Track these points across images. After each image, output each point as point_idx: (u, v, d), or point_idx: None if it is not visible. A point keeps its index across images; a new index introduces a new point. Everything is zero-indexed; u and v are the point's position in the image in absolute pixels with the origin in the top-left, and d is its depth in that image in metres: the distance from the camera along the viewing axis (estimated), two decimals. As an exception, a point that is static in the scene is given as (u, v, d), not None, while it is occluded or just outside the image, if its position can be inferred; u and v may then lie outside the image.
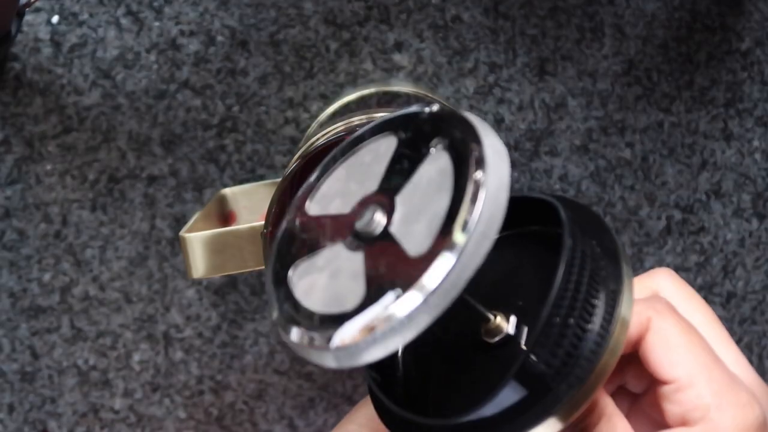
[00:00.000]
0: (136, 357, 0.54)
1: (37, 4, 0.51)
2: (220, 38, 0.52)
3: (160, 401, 0.54)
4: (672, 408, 0.31)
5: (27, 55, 0.51)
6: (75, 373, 0.54)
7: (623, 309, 0.31)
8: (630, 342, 0.32)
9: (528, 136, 0.54)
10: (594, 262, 0.31)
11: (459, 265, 0.27)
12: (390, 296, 0.28)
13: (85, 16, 0.51)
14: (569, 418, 0.30)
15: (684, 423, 0.31)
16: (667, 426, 0.32)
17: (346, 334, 0.28)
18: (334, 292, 0.30)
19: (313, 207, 0.33)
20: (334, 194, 0.33)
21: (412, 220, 0.30)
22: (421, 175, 0.31)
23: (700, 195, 0.55)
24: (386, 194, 0.31)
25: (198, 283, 0.53)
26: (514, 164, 0.54)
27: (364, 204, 0.31)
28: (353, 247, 0.30)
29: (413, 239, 0.29)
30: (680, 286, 0.34)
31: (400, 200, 0.30)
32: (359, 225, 0.31)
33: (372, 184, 0.32)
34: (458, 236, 0.28)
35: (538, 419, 0.30)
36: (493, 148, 0.29)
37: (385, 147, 0.32)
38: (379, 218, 0.30)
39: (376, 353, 0.28)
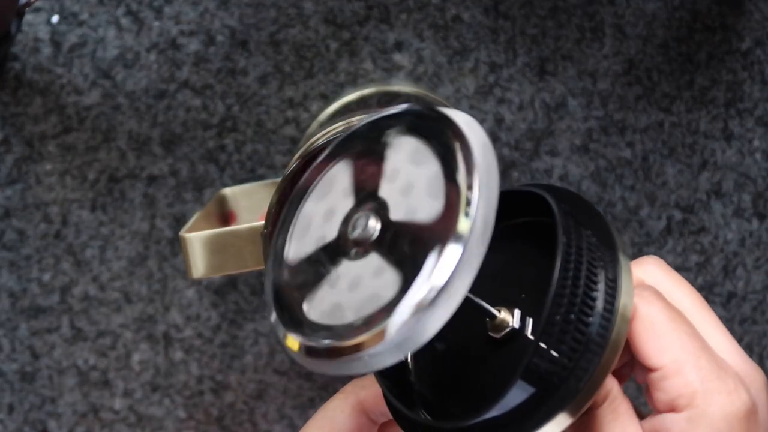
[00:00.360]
0: (136, 357, 0.54)
1: (37, 4, 0.51)
2: (220, 38, 0.52)
3: (160, 401, 0.54)
4: (659, 395, 0.31)
5: (27, 55, 0.51)
6: (75, 373, 0.54)
7: (623, 298, 0.31)
8: None
9: (528, 136, 0.53)
10: (590, 252, 0.31)
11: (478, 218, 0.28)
12: (431, 259, 0.28)
13: (85, 16, 0.51)
14: (583, 406, 0.30)
15: (672, 410, 0.31)
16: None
17: (400, 316, 0.28)
18: (364, 296, 0.29)
19: (293, 253, 0.33)
20: (313, 230, 0.32)
21: (409, 202, 0.30)
22: (392, 163, 0.31)
23: (701, 195, 0.55)
24: (367, 199, 0.31)
25: (198, 283, 0.53)
26: (514, 164, 0.54)
27: (349, 220, 0.31)
28: (361, 255, 0.30)
29: (422, 210, 0.29)
30: (668, 272, 0.34)
31: (384, 193, 0.30)
32: (356, 235, 0.30)
33: (348, 202, 0.31)
34: (462, 225, 0.28)
35: (552, 412, 0.30)
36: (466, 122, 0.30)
37: (343, 168, 0.32)
38: (373, 222, 0.30)
39: (435, 322, 0.28)
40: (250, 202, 0.51)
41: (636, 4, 0.53)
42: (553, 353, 0.30)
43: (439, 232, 0.28)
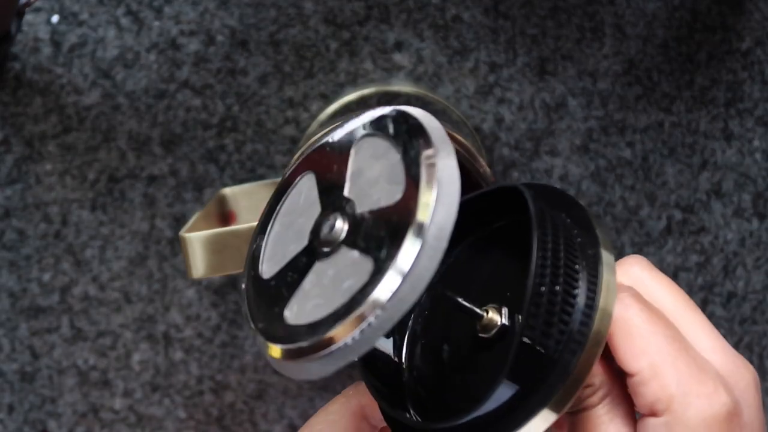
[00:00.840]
0: (136, 357, 0.54)
1: (37, 3, 0.51)
2: (220, 38, 0.52)
3: (160, 401, 0.54)
4: (639, 400, 0.31)
5: (27, 54, 0.51)
6: (75, 373, 0.54)
7: (604, 290, 0.31)
8: None
9: (528, 136, 0.53)
10: (568, 242, 0.31)
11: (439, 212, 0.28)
12: (410, 234, 0.28)
13: (85, 16, 0.51)
14: (568, 401, 0.30)
15: (652, 414, 0.31)
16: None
17: (370, 304, 0.28)
18: (336, 291, 0.30)
19: (267, 268, 0.33)
20: (284, 244, 0.33)
21: (369, 189, 0.30)
22: (356, 166, 0.31)
23: (701, 195, 0.55)
24: (334, 201, 0.31)
25: (198, 283, 0.53)
26: (514, 164, 0.54)
27: (317, 229, 0.31)
28: (331, 253, 0.30)
29: (384, 198, 0.29)
30: (650, 271, 0.34)
31: (348, 192, 0.31)
32: (325, 237, 0.31)
33: (314, 210, 0.32)
34: (421, 215, 0.28)
35: (536, 407, 0.30)
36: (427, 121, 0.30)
37: (308, 184, 0.33)
38: (340, 223, 0.31)
39: (404, 305, 0.28)
40: (250, 202, 0.51)
41: (636, 4, 0.53)
42: (538, 347, 0.30)
43: (403, 216, 0.28)
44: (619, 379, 0.32)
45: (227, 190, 0.51)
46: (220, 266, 0.44)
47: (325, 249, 0.31)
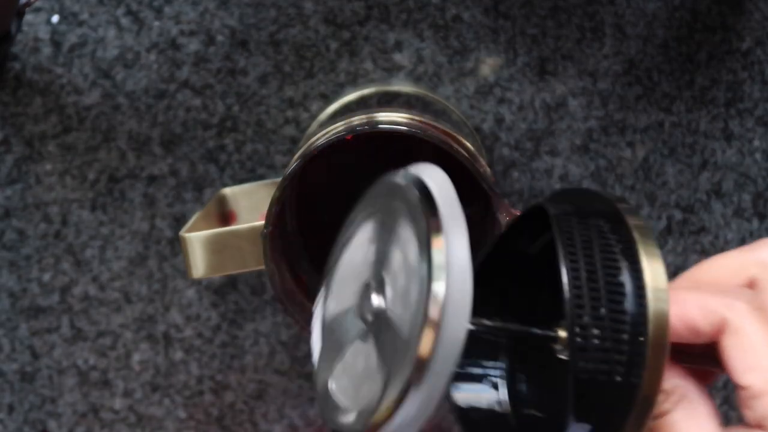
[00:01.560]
0: (136, 357, 0.54)
1: (37, 3, 0.51)
2: (220, 38, 0.52)
3: (160, 401, 0.54)
4: (747, 412, 0.30)
5: (27, 54, 0.51)
6: (75, 373, 0.54)
7: (649, 285, 0.29)
8: (704, 339, 0.31)
9: (528, 136, 0.53)
10: (605, 245, 0.30)
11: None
12: (418, 337, 0.27)
13: (85, 16, 0.51)
14: (651, 405, 0.29)
15: (759, 427, 0.30)
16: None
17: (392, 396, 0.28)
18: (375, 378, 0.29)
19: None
20: (343, 299, 0.32)
21: (399, 279, 0.29)
22: (395, 260, 0.30)
23: (701, 195, 0.55)
24: (377, 274, 0.30)
25: (198, 283, 0.53)
26: (514, 164, 0.54)
27: (367, 293, 0.30)
28: (368, 332, 0.30)
29: (408, 291, 0.28)
30: None
31: (385, 275, 0.30)
32: (366, 307, 0.30)
33: (365, 274, 0.31)
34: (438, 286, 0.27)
35: (620, 426, 0.29)
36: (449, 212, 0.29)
37: (364, 234, 0.32)
38: (377, 300, 0.30)
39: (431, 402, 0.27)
40: (250, 202, 0.51)
41: (636, 4, 0.53)
42: (598, 377, 0.28)
43: (406, 347, 0.27)
44: (693, 378, 0.31)
45: (227, 190, 0.51)
46: (220, 266, 0.44)
47: (368, 317, 0.30)
